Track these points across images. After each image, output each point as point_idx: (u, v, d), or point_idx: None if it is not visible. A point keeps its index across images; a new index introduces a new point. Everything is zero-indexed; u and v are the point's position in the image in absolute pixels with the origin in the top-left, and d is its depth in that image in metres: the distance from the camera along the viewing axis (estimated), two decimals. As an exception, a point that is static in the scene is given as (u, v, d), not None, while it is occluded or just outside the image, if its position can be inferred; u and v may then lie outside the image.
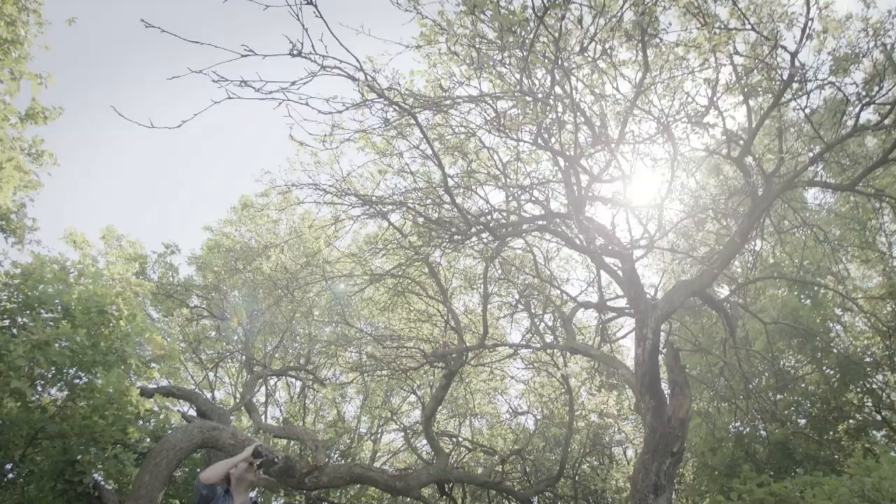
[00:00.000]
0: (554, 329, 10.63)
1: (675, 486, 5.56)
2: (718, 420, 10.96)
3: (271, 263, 12.53)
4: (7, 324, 6.33)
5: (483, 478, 10.71)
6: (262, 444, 5.13)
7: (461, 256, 10.03)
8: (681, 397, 5.33)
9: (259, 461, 5.02)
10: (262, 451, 5.02)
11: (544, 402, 12.39)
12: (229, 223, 14.92)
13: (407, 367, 11.04)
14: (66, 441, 5.92)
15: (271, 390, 16.72)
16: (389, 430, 16.90)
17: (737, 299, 9.12)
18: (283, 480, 7.09)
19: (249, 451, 4.97)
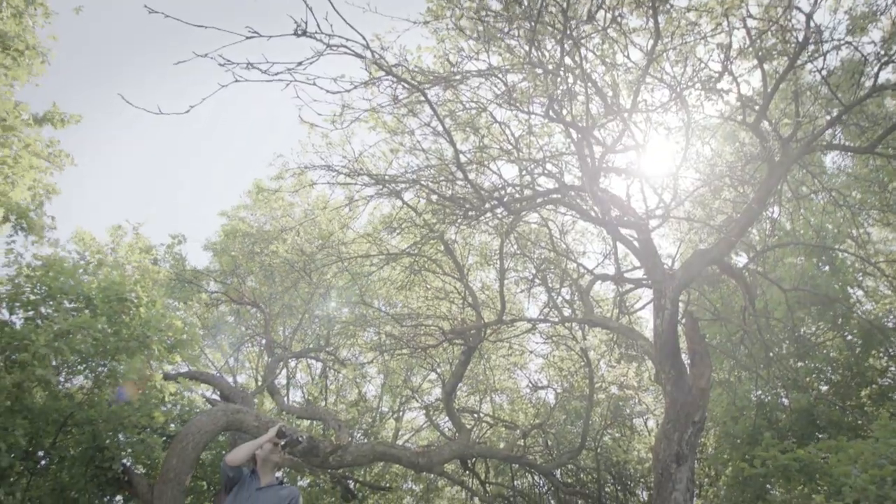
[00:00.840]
0: (572, 302, 10.61)
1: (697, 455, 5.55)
2: (739, 389, 10.92)
3: (287, 246, 12.59)
4: (31, 314, 6.43)
5: (505, 452, 10.78)
6: (285, 425, 5.19)
7: (476, 233, 10.01)
8: (701, 366, 5.30)
9: (283, 441, 5.08)
10: (285, 431, 5.07)
11: (564, 375, 12.40)
12: (244, 208, 14.98)
13: (426, 345, 11.10)
14: (95, 427, 6.01)
15: (292, 372, 16.88)
16: (411, 407, 17.04)
17: (755, 267, 9.03)
18: (308, 460, 7.17)
19: (273, 431, 5.03)
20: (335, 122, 6.33)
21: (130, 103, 3.31)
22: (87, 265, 6.95)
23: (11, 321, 6.37)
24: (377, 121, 7.11)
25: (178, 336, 7.44)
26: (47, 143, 10.55)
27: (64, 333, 5.68)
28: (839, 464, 6.20)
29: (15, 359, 5.58)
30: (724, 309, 10.48)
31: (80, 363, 6.58)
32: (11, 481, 5.83)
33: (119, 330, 6.42)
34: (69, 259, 6.91)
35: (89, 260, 7.34)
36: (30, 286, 6.46)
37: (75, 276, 6.61)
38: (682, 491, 4.62)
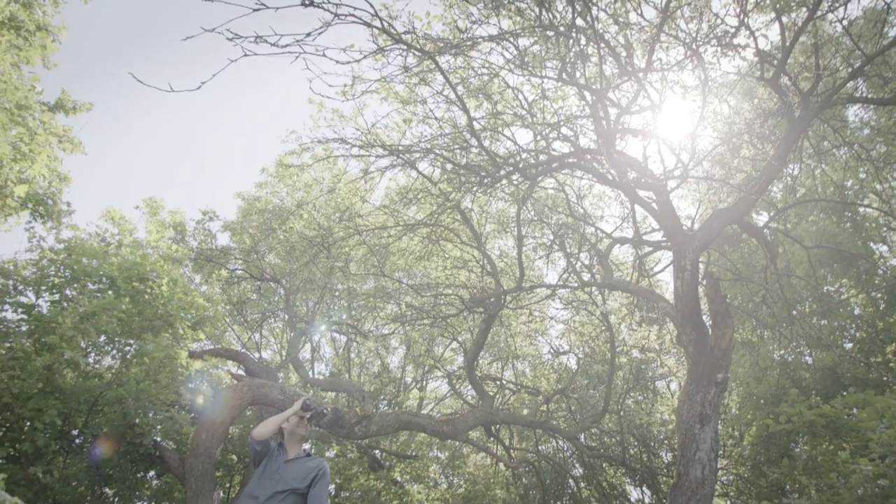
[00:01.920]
0: (591, 267, 10.56)
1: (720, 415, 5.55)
2: (762, 349, 10.86)
3: (304, 222, 12.64)
4: (57, 297, 6.54)
5: (529, 418, 10.85)
6: (309, 398, 5.26)
7: (493, 200, 9.96)
8: (723, 327, 5.27)
9: (308, 414, 5.14)
10: (310, 404, 5.14)
11: (585, 340, 12.41)
12: (261, 186, 15.04)
13: (447, 315, 11.13)
14: (124, 406, 6.13)
15: (316, 346, 17.07)
16: (434, 377, 17.19)
17: (776, 225, 8.91)
18: (334, 431, 7.28)
19: (298, 405, 5.10)
20: (346, 94, 6.28)
21: (141, 81, 3.30)
22: (108, 246, 7.02)
23: (38, 305, 6.48)
24: (388, 91, 7.05)
25: (200, 314, 7.53)
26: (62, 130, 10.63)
27: (89, 315, 5.77)
28: (865, 419, 6.17)
29: (44, 342, 5.68)
30: (746, 269, 10.37)
31: (107, 343, 6.70)
32: (48, 460, 5.98)
33: (143, 310, 6.52)
34: (90, 241, 6.97)
35: (110, 241, 7.40)
36: (53, 269, 6.56)
37: (100, 257, 6.70)
38: (707, 451, 4.62)
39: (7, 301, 6.42)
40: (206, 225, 14.96)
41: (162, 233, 14.07)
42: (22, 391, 5.28)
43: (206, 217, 14.88)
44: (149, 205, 14.37)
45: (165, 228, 14.32)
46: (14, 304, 6.42)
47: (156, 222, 14.39)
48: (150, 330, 6.53)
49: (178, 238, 14.49)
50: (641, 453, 11.78)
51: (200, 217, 14.90)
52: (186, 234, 14.82)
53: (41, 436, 5.48)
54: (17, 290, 6.41)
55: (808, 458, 6.48)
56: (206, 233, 15.03)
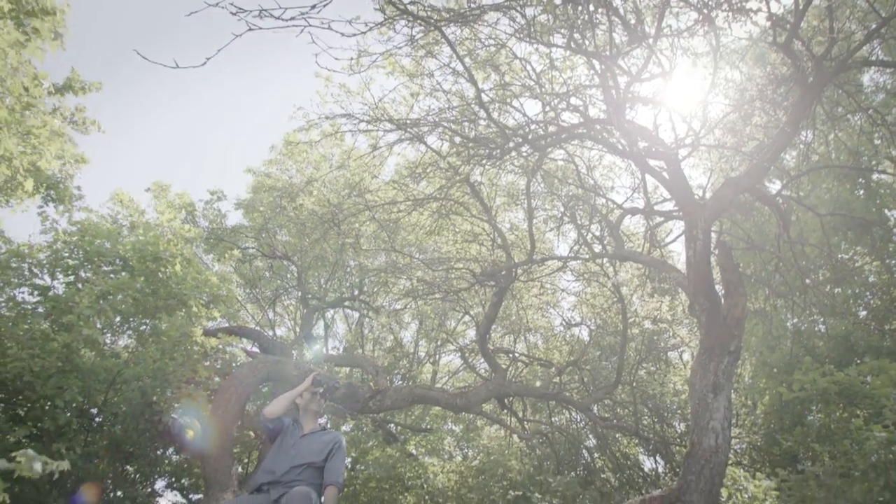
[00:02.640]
0: (602, 239, 10.52)
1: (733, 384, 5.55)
2: (775, 318, 10.81)
3: (314, 198, 12.64)
4: (72, 279, 6.60)
5: (541, 390, 10.90)
6: (319, 373, 5.30)
7: (502, 173, 9.90)
8: (735, 296, 5.24)
9: (320, 389, 5.19)
10: (320, 379, 5.18)
11: (597, 312, 12.40)
12: (271, 163, 15.04)
13: (458, 289, 11.15)
14: (142, 384, 6.20)
15: (329, 322, 17.18)
16: (447, 351, 17.27)
17: (789, 193, 8.81)
18: (349, 405, 7.34)
19: (308, 380, 5.14)
20: (353, 68, 6.23)
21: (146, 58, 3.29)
22: (120, 227, 7.07)
23: (53, 286, 6.55)
24: (394, 66, 6.99)
25: (214, 292, 7.57)
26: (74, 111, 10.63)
27: (104, 295, 5.83)
28: (880, 386, 6.15)
29: (62, 322, 5.74)
30: (758, 237, 10.29)
31: (123, 323, 6.76)
32: (70, 437, 6.08)
33: (157, 289, 6.56)
34: (103, 223, 7.02)
35: (122, 223, 7.45)
36: (67, 252, 6.61)
37: (112, 238, 6.74)
38: (720, 420, 4.63)
39: (23, 283, 6.50)
40: (214, 205, 15.01)
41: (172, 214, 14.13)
42: (42, 370, 5.35)
43: (215, 197, 14.91)
44: (157, 188, 14.42)
45: (175, 210, 14.37)
46: (30, 286, 6.49)
47: (165, 204, 14.45)
48: (165, 309, 6.58)
49: (189, 219, 14.55)
50: (654, 423, 11.84)
51: (209, 197, 14.94)
52: (196, 214, 14.88)
53: (62, 414, 5.56)
54: (32, 273, 6.47)
55: (822, 426, 6.47)
56: (215, 213, 15.08)
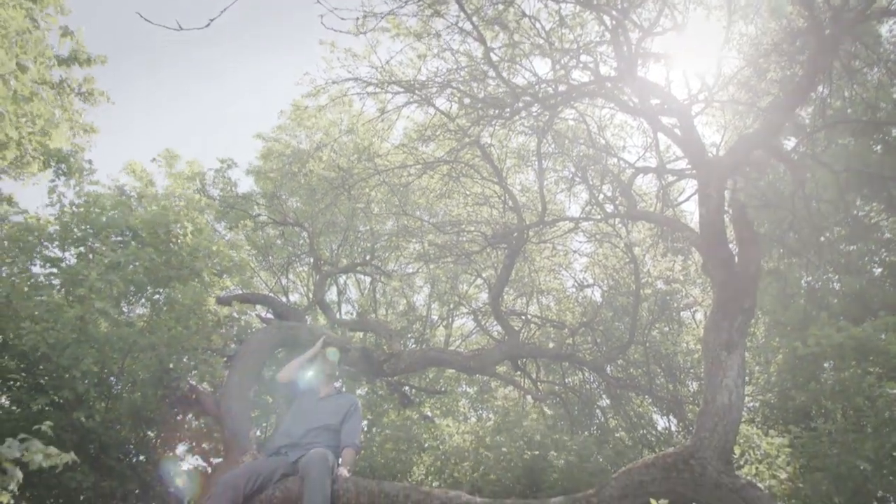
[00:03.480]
0: (614, 199, 10.43)
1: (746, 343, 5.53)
2: (789, 276, 10.73)
3: (324, 164, 12.59)
4: (83, 250, 6.64)
5: (554, 351, 10.95)
6: (329, 336, 5.36)
7: (512, 134, 9.80)
8: (749, 253, 5.19)
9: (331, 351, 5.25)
10: (330, 341, 5.24)
11: (609, 273, 12.37)
12: (280, 129, 14.96)
13: (470, 252, 11.14)
14: (158, 352, 6.27)
15: (342, 288, 17.26)
16: (459, 314, 17.33)
17: (804, 149, 8.67)
18: (363, 369, 7.42)
19: (319, 344, 5.20)
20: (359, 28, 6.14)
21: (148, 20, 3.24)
22: (129, 199, 7.08)
23: (65, 258, 6.60)
24: (399, 28, 6.89)
25: (225, 262, 7.60)
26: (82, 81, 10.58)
27: (114, 266, 5.86)
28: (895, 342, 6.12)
29: (76, 294, 5.79)
30: (773, 195, 10.15)
31: (136, 293, 6.81)
32: (89, 405, 6.18)
33: (169, 259, 6.59)
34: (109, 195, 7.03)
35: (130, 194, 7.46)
36: (75, 224, 6.64)
37: (121, 209, 6.75)
38: (734, 377, 4.63)
39: (36, 256, 6.55)
40: (225, 173, 14.98)
41: (182, 183, 14.13)
42: (58, 341, 5.42)
43: (225, 165, 14.88)
44: (166, 157, 14.39)
45: (185, 179, 14.37)
46: (42, 259, 6.55)
47: (175, 174, 14.44)
48: (178, 279, 6.62)
49: (199, 188, 14.55)
50: (667, 383, 11.88)
51: (219, 166, 14.91)
52: (206, 183, 14.88)
53: (80, 383, 5.65)
54: (43, 245, 6.52)
55: (835, 383, 6.47)
56: (226, 181, 15.07)
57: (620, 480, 4.13)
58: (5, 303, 5.60)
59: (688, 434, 10.79)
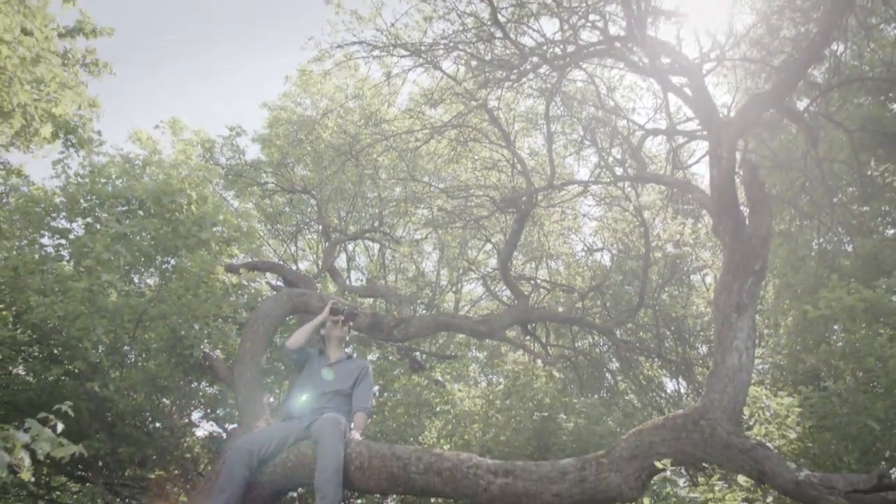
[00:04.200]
0: (623, 162, 10.33)
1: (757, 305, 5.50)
2: (800, 238, 10.64)
3: (331, 130, 12.52)
4: (90, 221, 6.65)
5: (564, 315, 10.96)
6: (336, 301, 5.37)
7: (520, 97, 9.69)
8: (761, 214, 5.12)
9: (339, 317, 5.27)
10: (337, 306, 5.25)
11: (619, 237, 12.32)
12: (286, 96, 14.84)
13: (479, 217, 11.11)
14: (169, 321, 6.31)
15: (351, 255, 17.29)
16: (469, 279, 17.36)
17: (817, 109, 8.52)
18: (373, 334, 7.46)
19: (327, 310, 5.22)
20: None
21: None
22: (133, 167, 7.05)
23: (72, 229, 6.62)
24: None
25: (232, 231, 7.60)
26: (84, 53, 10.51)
27: (121, 236, 5.86)
28: (909, 302, 6.08)
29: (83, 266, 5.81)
30: (785, 156, 10.01)
31: (145, 263, 6.83)
32: (103, 375, 6.27)
33: (175, 228, 6.59)
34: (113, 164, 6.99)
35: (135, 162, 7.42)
36: (81, 195, 6.63)
37: (125, 178, 6.74)
38: (744, 339, 4.61)
39: (43, 227, 6.57)
40: (233, 141, 14.92)
41: (189, 152, 14.09)
42: (67, 313, 5.46)
43: (234, 133, 14.81)
44: (171, 125, 14.31)
45: (192, 147, 14.32)
46: (50, 230, 6.57)
47: (182, 142, 14.39)
48: (185, 248, 6.62)
49: (207, 157, 14.51)
50: (677, 346, 11.90)
51: (227, 133, 14.83)
52: (214, 151, 14.83)
53: (93, 353, 5.70)
54: (49, 216, 6.53)
55: (846, 344, 6.44)
56: (234, 148, 15.01)
57: (630, 441, 4.15)
58: (14, 275, 5.63)
59: (697, 396, 10.84)
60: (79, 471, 7.73)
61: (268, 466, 4.35)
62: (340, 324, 5.28)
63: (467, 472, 4.14)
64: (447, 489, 4.17)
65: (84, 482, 8.16)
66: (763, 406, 5.98)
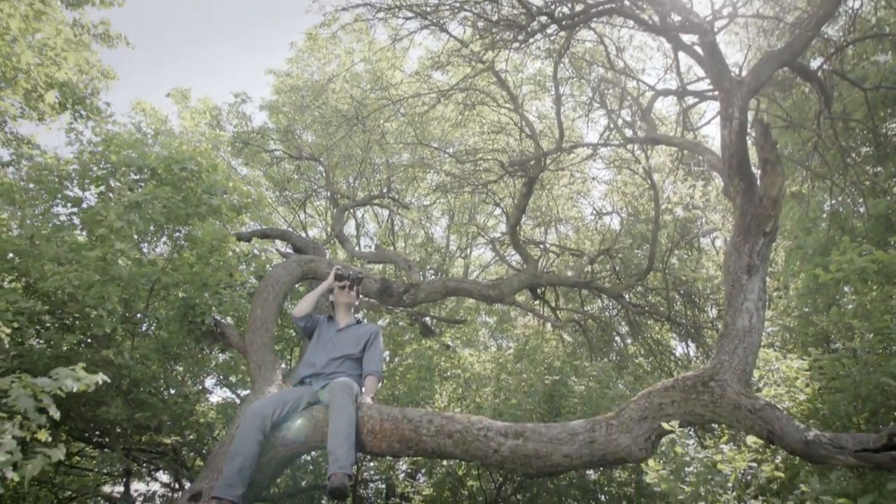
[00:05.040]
0: (633, 124, 10.21)
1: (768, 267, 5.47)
2: (812, 199, 10.53)
3: (338, 95, 12.42)
4: (102, 189, 6.66)
5: (573, 279, 10.95)
6: (339, 267, 5.39)
7: (528, 59, 9.54)
8: (772, 175, 5.05)
9: (345, 282, 5.29)
10: (342, 272, 5.27)
11: (628, 200, 12.25)
12: (292, 62, 14.71)
13: (487, 181, 11.05)
14: (181, 289, 6.36)
15: (360, 221, 17.30)
16: (478, 244, 17.37)
17: (832, 66, 8.35)
18: (383, 300, 7.49)
19: (331, 277, 5.25)
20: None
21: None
22: (145, 136, 7.03)
23: (86, 198, 6.63)
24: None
25: (243, 198, 7.60)
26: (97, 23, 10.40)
27: (133, 205, 5.87)
28: (924, 264, 6.01)
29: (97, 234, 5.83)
30: (798, 115, 9.84)
31: (157, 231, 6.85)
32: (118, 343, 6.35)
33: (187, 196, 6.59)
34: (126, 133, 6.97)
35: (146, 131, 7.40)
36: (94, 163, 6.63)
37: (136, 148, 6.72)
38: (754, 301, 4.60)
39: (56, 196, 6.58)
40: (239, 108, 14.85)
41: (197, 120, 14.04)
42: (82, 281, 5.50)
43: (239, 100, 14.72)
44: (178, 94, 14.24)
45: (199, 115, 14.26)
46: (63, 199, 6.58)
47: (189, 111, 14.32)
48: (196, 216, 6.63)
49: (214, 124, 14.46)
50: (686, 309, 11.89)
51: (233, 101, 14.75)
52: (221, 119, 14.77)
53: (108, 321, 5.76)
54: (62, 185, 6.54)
55: (858, 305, 6.41)
56: (240, 115, 14.95)
57: (639, 403, 4.17)
58: (29, 244, 5.66)
59: (706, 360, 10.86)
60: (97, 437, 7.89)
61: (281, 430, 4.41)
62: (347, 289, 5.30)
63: (478, 433, 4.18)
64: (458, 451, 4.22)
65: (102, 448, 8.34)
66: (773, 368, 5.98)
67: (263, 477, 4.35)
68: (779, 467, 4.63)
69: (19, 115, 8.92)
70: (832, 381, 5.36)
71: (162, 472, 9.37)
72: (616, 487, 7.96)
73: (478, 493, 8.87)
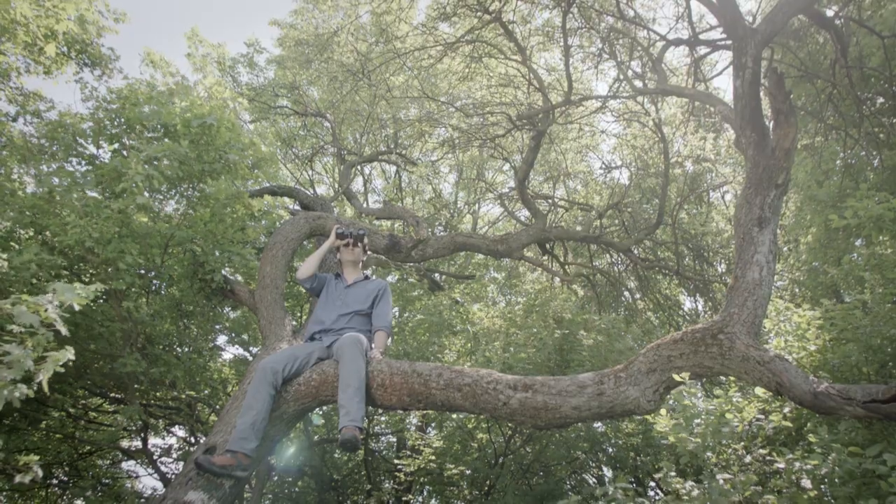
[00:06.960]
0: (643, 75, 10.02)
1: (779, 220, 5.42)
2: (825, 151, 10.37)
3: (343, 48, 12.22)
4: (117, 147, 6.63)
5: (582, 233, 10.92)
6: (340, 225, 5.39)
7: (536, 10, 9.34)
8: (785, 126, 4.96)
9: (347, 240, 5.30)
10: (342, 230, 5.28)
11: (638, 153, 12.12)
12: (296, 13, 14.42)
13: (495, 135, 10.93)
14: (194, 246, 6.37)
15: (367, 178, 17.23)
16: (486, 199, 17.30)
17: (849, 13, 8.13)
18: (392, 256, 7.49)
19: (332, 236, 5.26)
20: None
21: None
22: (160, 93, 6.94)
23: (100, 155, 6.61)
24: None
25: (258, 154, 7.56)
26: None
27: (151, 160, 5.85)
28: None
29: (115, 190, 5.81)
30: (812, 66, 9.63)
31: (171, 188, 6.84)
32: (134, 298, 6.40)
33: (202, 153, 6.56)
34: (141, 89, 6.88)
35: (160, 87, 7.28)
36: (109, 120, 6.58)
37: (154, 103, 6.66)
38: (765, 253, 4.56)
39: (71, 154, 6.56)
40: (253, 58, 14.61)
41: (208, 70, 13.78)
42: (101, 236, 5.52)
43: (252, 49, 14.44)
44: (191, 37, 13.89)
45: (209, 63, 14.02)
46: (77, 156, 6.56)
47: (200, 58, 14.04)
48: (210, 174, 6.61)
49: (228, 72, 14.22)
50: (695, 264, 11.87)
51: (246, 50, 14.48)
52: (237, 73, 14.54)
53: (127, 275, 5.80)
54: (76, 142, 6.50)
55: (870, 256, 6.37)
56: (252, 65, 14.71)
57: (648, 355, 4.19)
58: (47, 198, 5.67)
59: (715, 314, 10.88)
60: (114, 391, 8.04)
61: (292, 385, 4.46)
62: (350, 246, 5.30)
63: (486, 387, 4.21)
64: (467, 404, 4.26)
65: (120, 403, 8.51)
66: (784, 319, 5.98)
67: (276, 430, 4.41)
68: (787, 417, 4.67)
69: (24, 70, 8.80)
70: (843, 331, 5.36)
71: (178, 426, 9.58)
72: (624, 438, 8.06)
73: (487, 446, 9.01)
